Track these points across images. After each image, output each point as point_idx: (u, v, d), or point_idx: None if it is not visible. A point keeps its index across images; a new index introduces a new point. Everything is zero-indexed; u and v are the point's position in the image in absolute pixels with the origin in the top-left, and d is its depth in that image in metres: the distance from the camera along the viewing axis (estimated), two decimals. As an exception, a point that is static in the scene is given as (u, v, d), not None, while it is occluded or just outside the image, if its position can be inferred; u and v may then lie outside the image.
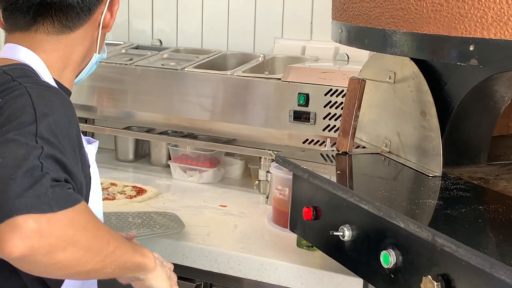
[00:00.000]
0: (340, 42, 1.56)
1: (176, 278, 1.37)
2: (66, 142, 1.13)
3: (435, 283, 1.22)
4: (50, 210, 1.01)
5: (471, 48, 1.15)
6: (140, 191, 2.28)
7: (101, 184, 2.24)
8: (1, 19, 1.35)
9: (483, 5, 1.12)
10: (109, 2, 1.37)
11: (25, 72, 1.25)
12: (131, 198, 2.24)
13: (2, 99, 1.16)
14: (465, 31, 1.16)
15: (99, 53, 1.41)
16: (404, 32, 1.29)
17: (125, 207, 2.17)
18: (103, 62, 2.51)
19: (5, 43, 1.35)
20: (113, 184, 2.36)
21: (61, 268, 1.06)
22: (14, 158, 1.03)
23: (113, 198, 2.23)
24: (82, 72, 1.42)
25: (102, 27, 1.36)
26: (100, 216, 1.36)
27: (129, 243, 1.22)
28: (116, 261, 1.15)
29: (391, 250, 1.35)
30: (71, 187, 1.09)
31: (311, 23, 2.59)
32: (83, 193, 1.21)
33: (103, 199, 2.10)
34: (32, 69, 1.28)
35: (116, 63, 2.50)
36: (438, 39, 1.21)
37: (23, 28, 1.31)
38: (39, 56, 1.30)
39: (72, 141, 1.17)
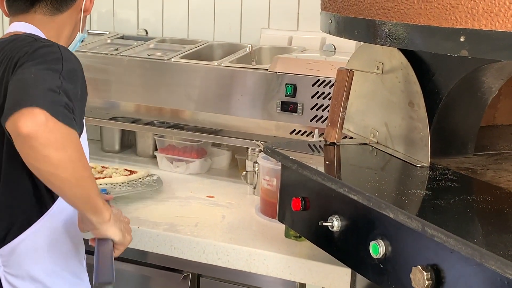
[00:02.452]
0: (329, 33, 1.55)
1: (131, 230, 1.58)
2: (77, 88, 1.45)
3: (425, 273, 1.22)
4: (58, 118, 1.30)
5: (462, 39, 1.15)
6: (131, 172, 2.31)
7: (94, 168, 2.29)
8: (5, 8, 1.66)
9: (474, -5, 1.13)
10: None
11: (40, 37, 1.58)
12: (127, 176, 2.29)
13: (33, 48, 1.47)
14: (456, 22, 1.16)
15: (81, 32, 1.74)
16: (394, 23, 1.29)
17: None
18: (89, 52, 2.49)
19: (10, 23, 1.65)
20: (104, 167, 2.38)
21: (48, 164, 1.30)
22: (43, 79, 1.36)
23: (110, 177, 2.27)
24: (69, 47, 1.69)
25: (83, 11, 1.69)
26: None
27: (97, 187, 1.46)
28: (85, 188, 1.38)
29: (380, 241, 1.36)
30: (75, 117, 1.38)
31: (298, 13, 2.58)
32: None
33: (101, 178, 2.23)
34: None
35: (101, 53, 2.48)
36: (428, 30, 1.21)
37: (24, 10, 1.62)
38: (40, 30, 1.62)
39: (83, 90, 1.48)
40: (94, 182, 1.43)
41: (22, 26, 1.61)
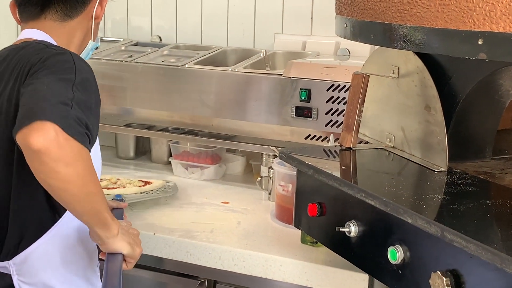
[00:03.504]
0: (344, 37, 1.55)
1: (140, 242, 1.56)
2: (91, 98, 1.44)
3: (444, 279, 1.21)
4: (68, 133, 1.29)
5: (480, 42, 1.14)
6: (146, 183, 2.29)
7: (109, 179, 2.28)
8: (17, 15, 1.67)
9: (492, -2, 1.12)
10: None
11: (52, 44, 1.58)
12: (140, 187, 2.26)
13: (45, 55, 1.46)
14: (474, 25, 1.15)
15: (93, 40, 1.73)
16: (411, 27, 1.28)
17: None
18: (104, 59, 2.50)
19: (21, 30, 1.65)
20: (119, 179, 2.35)
21: (58, 179, 1.31)
22: (56, 90, 1.35)
23: (124, 187, 2.25)
24: (80, 55, 1.66)
25: (94, 18, 1.68)
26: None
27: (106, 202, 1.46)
28: (94, 203, 1.39)
29: (399, 246, 1.35)
30: (88, 133, 1.36)
31: (311, 18, 2.58)
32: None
33: (114, 188, 2.20)
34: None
35: (116, 60, 2.49)
36: (446, 33, 1.20)
37: (35, 17, 1.63)
38: (51, 36, 1.61)
39: (96, 99, 1.46)
40: (103, 197, 1.42)
41: (32, 33, 1.62)
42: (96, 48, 2.56)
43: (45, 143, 1.26)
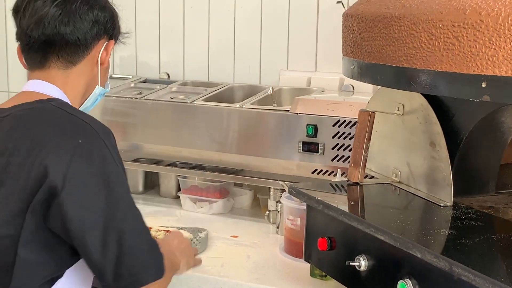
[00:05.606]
0: (352, 78, 1.61)
1: (191, 252, 1.76)
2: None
3: (453, 312, 1.25)
4: (161, 276, 1.43)
5: (483, 85, 1.20)
6: None
7: None
8: (24, 61, 1.60)
9: (494, 44, 1.17)
10: (106, 43, 1.60)
11: (70, 105, 1.52)
12: None
13: (79, 142, 1.40)
14: (477, 68, 1.21)
15: (101, 86, 1.64)
16: (417, 69, 1.34)
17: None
18: (114, 96, 2.56)
19: (28, 79, 1.58)
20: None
21: None
22: (137, 227, 1.42)
23: None
24: (86, 102, 1.64)
25: (100, 63, 1.60)
26: None
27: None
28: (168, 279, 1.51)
29: (408, 280, 1.39)
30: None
31: (316, 54, 2.64)
32: None
33: None
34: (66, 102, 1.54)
35: (126, 97, 2.55)
36: (451, 76, 1.26)
37: (39, 66, 1.56)
38: (57, 87, 1.55)
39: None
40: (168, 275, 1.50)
41: (40, 85, 1.54)
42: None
43: None
